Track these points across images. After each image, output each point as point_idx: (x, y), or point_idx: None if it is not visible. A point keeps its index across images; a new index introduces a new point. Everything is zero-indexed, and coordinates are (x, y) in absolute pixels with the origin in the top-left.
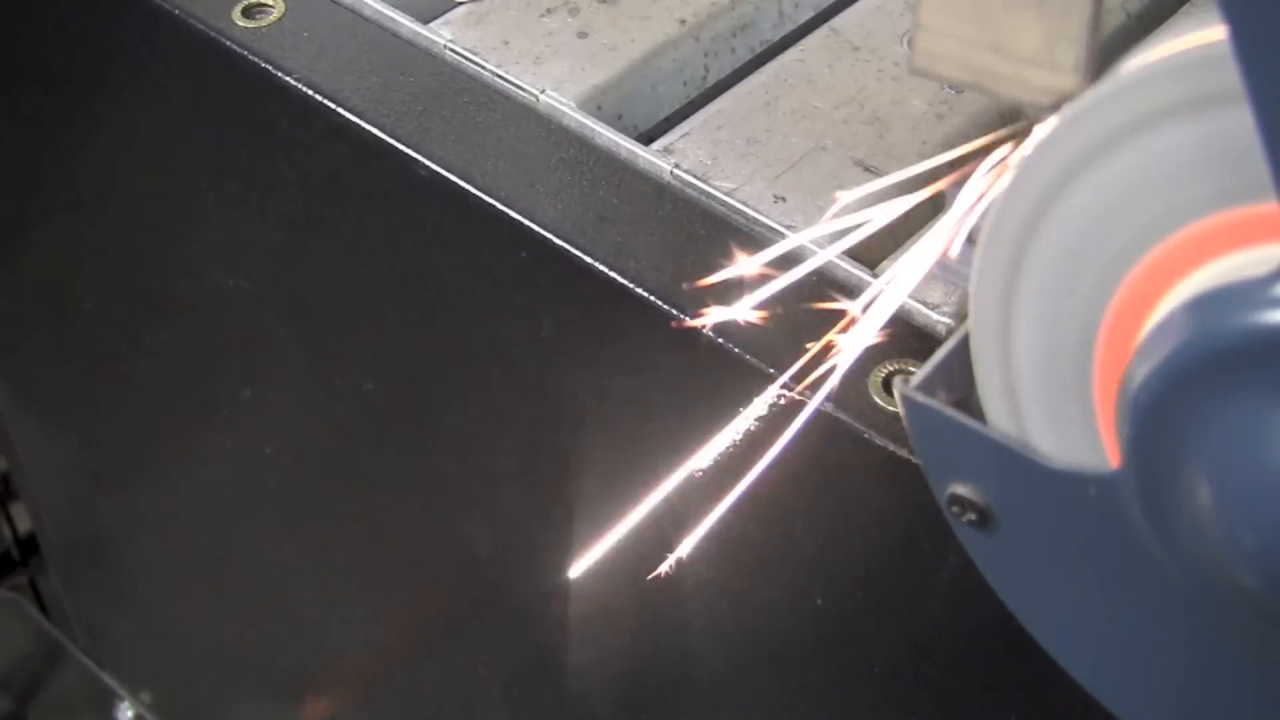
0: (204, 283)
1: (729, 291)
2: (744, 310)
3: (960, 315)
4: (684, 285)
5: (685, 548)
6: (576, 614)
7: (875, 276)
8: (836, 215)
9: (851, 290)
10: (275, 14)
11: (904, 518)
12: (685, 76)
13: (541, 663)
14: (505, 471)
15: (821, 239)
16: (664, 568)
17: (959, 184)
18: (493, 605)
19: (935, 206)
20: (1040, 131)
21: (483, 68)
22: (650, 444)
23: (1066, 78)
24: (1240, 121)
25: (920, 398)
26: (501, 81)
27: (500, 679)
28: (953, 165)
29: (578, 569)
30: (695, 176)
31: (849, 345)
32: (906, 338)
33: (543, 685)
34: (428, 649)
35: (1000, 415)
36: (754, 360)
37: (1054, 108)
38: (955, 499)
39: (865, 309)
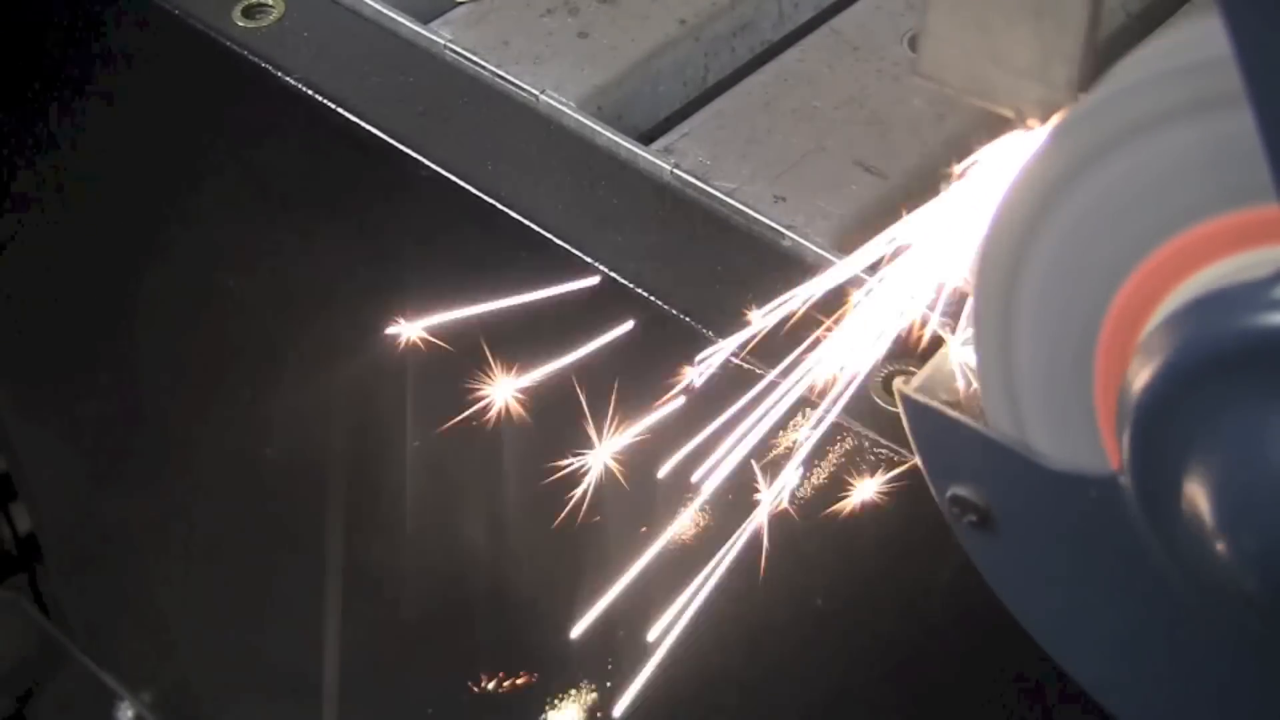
0: (204, 282)
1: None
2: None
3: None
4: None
5: (683, 547)
6: (571, 611)
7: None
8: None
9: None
10: (275, 14)
11: (904, 518)
12: (685, 76)
13: (538, 660)
14: (503, 469)
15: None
16: (662, 568)
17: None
18: (491, 607)
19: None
20: (1042, 133)
21: (483, 68)
22: (653, 444)
23: (1060, 93)
24: (1240, 124)
25: (920, 398)
26: (501, 81)
27: (499, 677)
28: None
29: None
30: (695, 176)
31: (851, 347)
32: (906, 338)
33: (541, 681)
34: (426, 651)
35: (1000, 416)
36: (754, 360)
37: (1045, 120)
38: (955, 500)
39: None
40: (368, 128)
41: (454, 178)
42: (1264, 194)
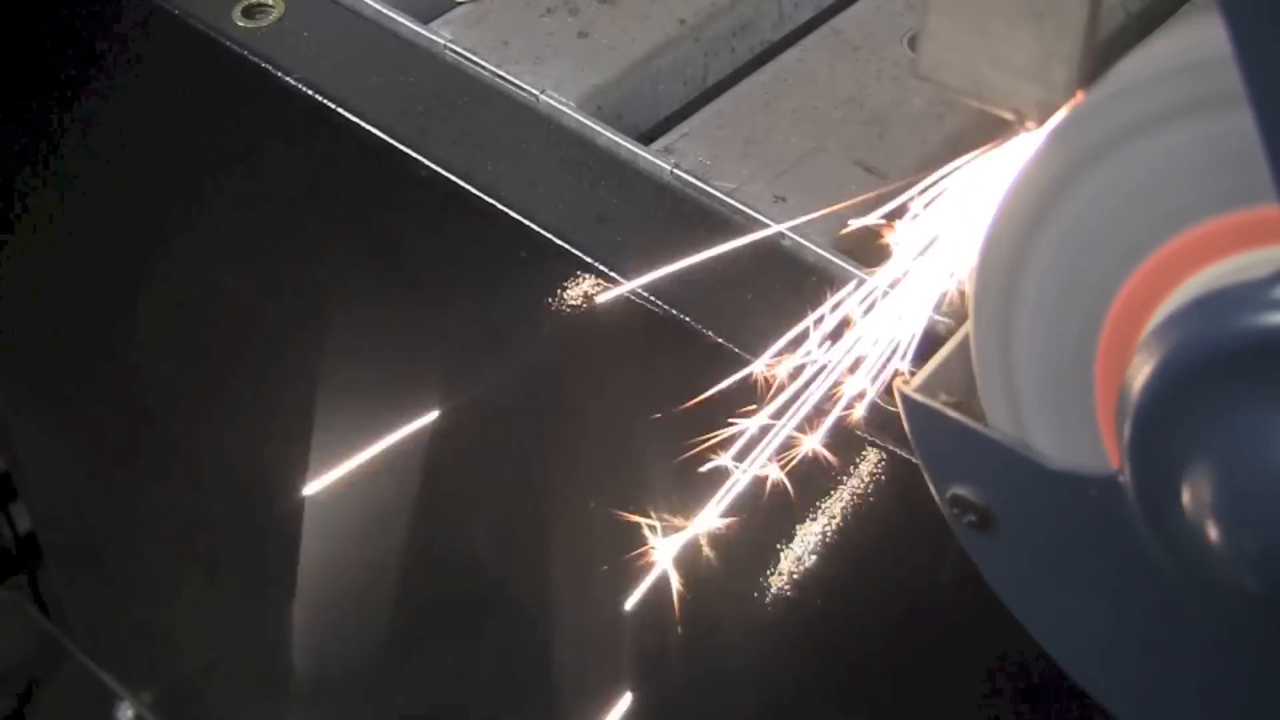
0: (204, 282)
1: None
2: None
3: (960, 316)
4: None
5: (681, 547)
6: (570, 612)
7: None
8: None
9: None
10: (275, 14)
11: (904, 519)
12: (685, 76)
13: (537, 661)
14: (503, 470)
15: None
16: (663, 568)
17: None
18: (492, 604)
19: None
20: (1041, 134)
21: (483, 68)
22: (648, 443)
23: (1058, 94)
24: (1240, 124)
25: (920, 398)
26: (501, 81)
27: (496, 676)
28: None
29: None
30: (695, 176)
31: (850, 347)
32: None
33: (538, 682)
34: (426, 648)
35: (1000, 416)
36: (753, 360)
37: (1044, 122)
38: (955, 500)
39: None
40: (368, 128)
41: (454, 178)
42: (1263, 194)
